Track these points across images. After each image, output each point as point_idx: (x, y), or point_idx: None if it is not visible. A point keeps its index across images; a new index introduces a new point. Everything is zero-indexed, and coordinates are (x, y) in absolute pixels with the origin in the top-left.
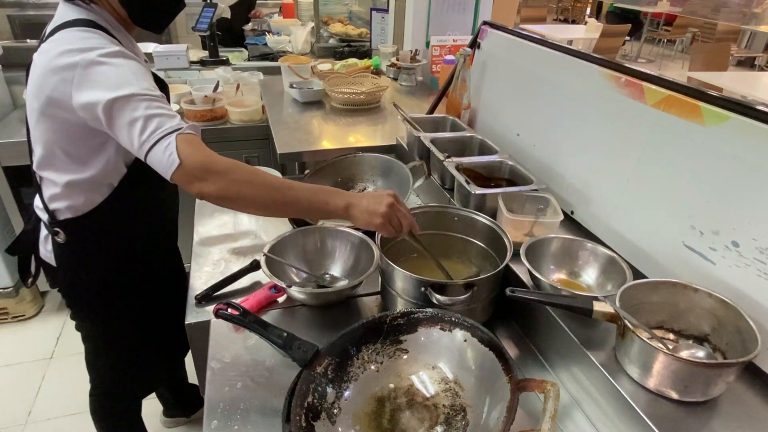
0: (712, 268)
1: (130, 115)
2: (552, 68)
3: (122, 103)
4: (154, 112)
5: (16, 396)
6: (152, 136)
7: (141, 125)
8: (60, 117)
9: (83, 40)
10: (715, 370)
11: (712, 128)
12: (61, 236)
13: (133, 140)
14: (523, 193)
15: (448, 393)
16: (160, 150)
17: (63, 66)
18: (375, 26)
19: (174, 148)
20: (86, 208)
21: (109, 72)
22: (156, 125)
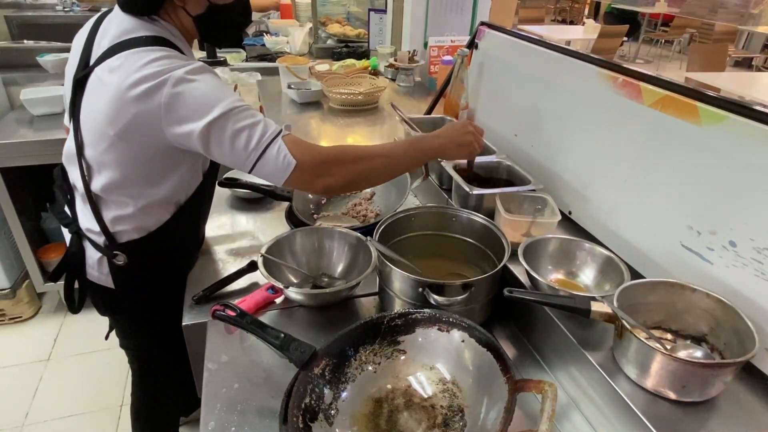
0: (709, 268)
1: (231, 130)
2: (549, 69)
3: (219, 123)
4: (252, 121)
5: (14, 398)
6: (260, 144)
7: (246, 137)
8: (142, 141)
9: (161, 62)
10: (713, 370)
11: (709, 128)
12: (121, 259)
13: (239, 154)
14: (521, 193)
15: (445, 394)
16: (272, 156)
17: (145, 92)
18: (373, 27)
19: (286, 150)
20: (152, 228)
21: (196, 93)
22: (260, 133)
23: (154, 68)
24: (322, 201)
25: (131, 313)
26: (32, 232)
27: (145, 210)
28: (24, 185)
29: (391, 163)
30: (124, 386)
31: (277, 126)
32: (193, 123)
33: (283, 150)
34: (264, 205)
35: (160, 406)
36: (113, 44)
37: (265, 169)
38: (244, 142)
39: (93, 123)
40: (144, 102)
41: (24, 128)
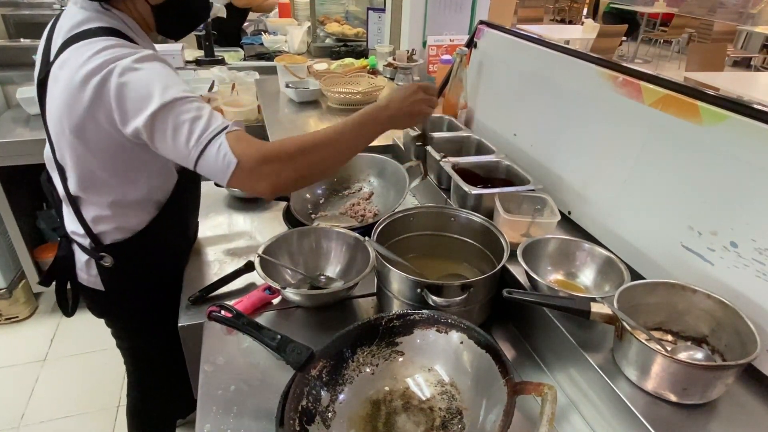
0: (710, 268)
1: (173, 123)
2: (549, 68)
3: (161, 114)
4: (195, 114)
5: (9, 399)
6: (201, 140)
7: (187, 131)
8: (98, 138)
9: (106, 52)
10: (714, 372)
11: (710, 128)
12: (107, 260)
13: (180, 150)
14: (520, 193)
15: (444, 396)
16: (212, 153)
17: (94, 86)
18: (372, 26)
19: (228, 148)
20: (136, 228)
21: (139, 84)
22: (202, 128)
23: (99, 59)
24: (320, 201)
25: (124, 315)
26: (28, 231)
27: (123, 210)
28: (20, 185)
29: (340, 149)
30: (121, 387)
31: (223, 121)
32: (138, 117)
33: (224, 148)
34: (261, 204)
35: (156, 407)
36: (65, 39)
37: (207, 167)
38: (185, 137)
39: (53, 122)
40: (94, 97)
41: (20, 127)
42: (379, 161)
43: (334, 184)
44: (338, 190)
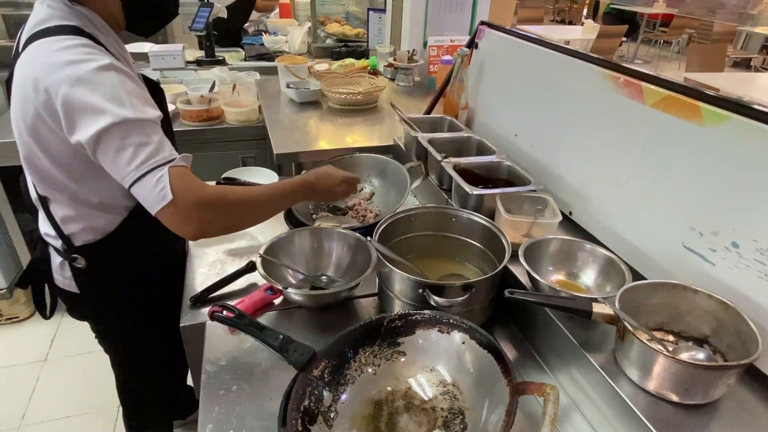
0: (711, 269)
1: (118, 143)
2: (550, 68)
3: (108, 133)
4: (142, 140)
5: (10, 398)
6: (142, 167)
7: (130, 155)
8: (52, 139)
9: (67, 52)
10: (716, 373)
11: (711, 128)
12: (80, 262)
13: (120, 169)
14: (521, 193)
15: (446, 396)
16: (151, 183)
17: (44, 90)
18: (372, 26)
19: (167, 182)
20: (106, 230)
21: (91, 98)
22: (147, 155)
23: (54, 62)
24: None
25: (101, 318)
26: (29, 232)
27: (90, 211)
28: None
29: (269, 210)
30: None
31: (171, 153)
32: (83, 131)
33: (164, 181)
34: None
35: (147, 409)
36: (27, 37)
37: (141, 194)
38: (127, 159)
39: (14, 122)
40: (45, 101)
41: None
42: (380, 162)
43: None
44: None
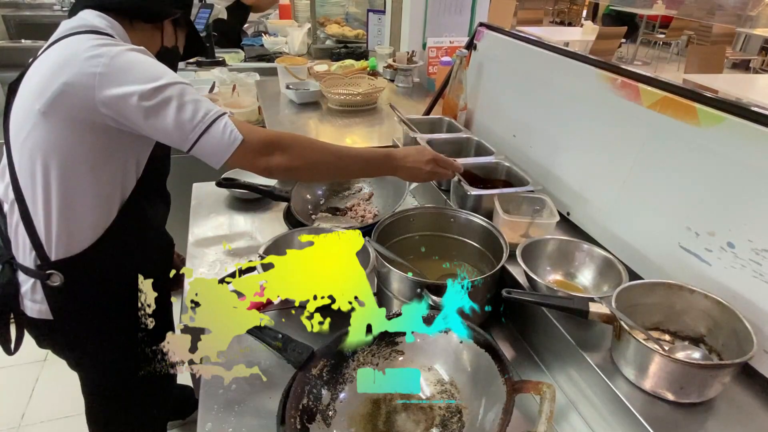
0: (707, 269)
1: (178, 101)
2: (548, 70)
3: (166, 91)
4: (197, 97)
5: (10, 399)
6: (206, 118)
7: (192, 110)
8: (66, 116)
9: (99, 41)
10: (711, 372)
11: (707, 129)
12: (56, 279)
13: (183, 126)
14: (520, 194)
15: (444, 395)
16: (218, 130)
17: (84, 58)
18: (372, 27)
19: (233, 126)
20: (88, 240)
21: (139, 60)
22: (206, 109)
23: (91, 45)
24: (320, 201)
25: (78, 345)
26: None
27: (76, 213)
28: None
29: (340, 166)
30: None
31: (223, 108)
32: (135, 85)
33: (230, 126)
34: (262, 205)
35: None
36: (58, 37)
37: (209, 144)
38: (191, 114)
39: (20, 111)
40: (76, 71)
41: None
42: None
43: (335, 184)
44: (338, 191)
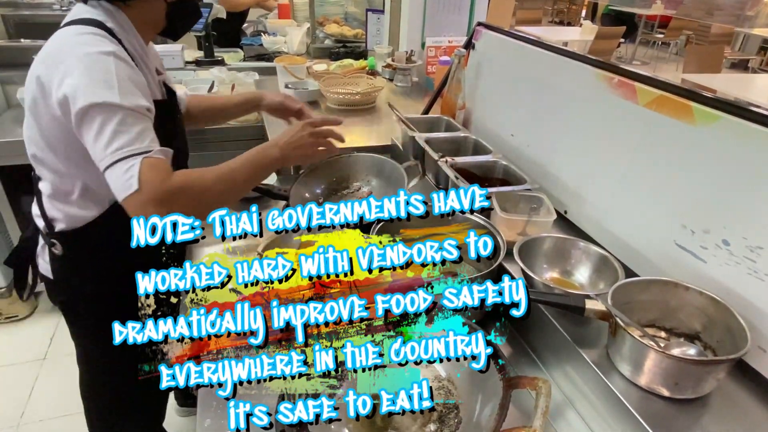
0: (703, 266)
1: (99, 126)
2: (545, 69)
3: (95, 110)
4: (124, 128)
5: (9, 397)
6: (116, 153)
7: (107, 138)
8: (44, 113)
9: (79, 37)
10: (706, 368)
11: (703, 128)
12: (57, 248)
13: (97, 151)
14: (517, 192)
15: (441, 391)
16: (121, 170)
17: (53, 61)
18: (371, 27)
19: (136, 172)
20: (87, 218)
21: (92, 74)
22: (123, 143)
23: (65, 44)
24: (319, 200)
25: (72, 308)
26: None
27: (73, 197)
28: (20, 184)
29: (236, 190)
30: None
31: (149, 145)
32: (72, 105)
33: (133, 171)
34: (261, 203)
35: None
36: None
37: (111, 179)
38: (105, 143)
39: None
40: (45, 74)
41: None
42: (377, 161)
43: (333, 183)
44: (337, 190)
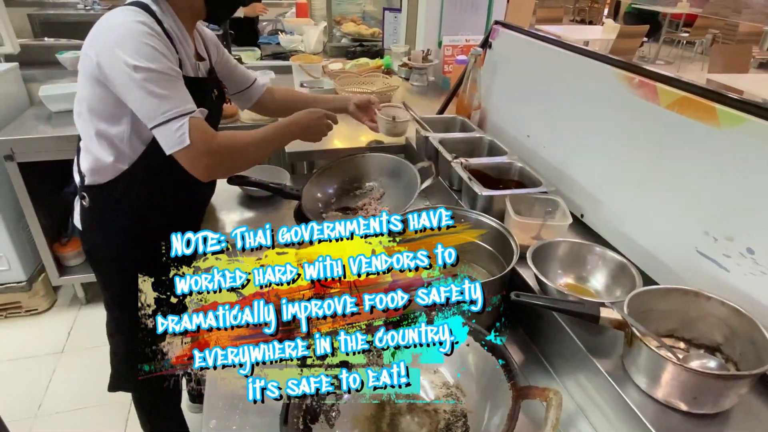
0: (725, 275)
1: (144, 88)
2: (564, 68)
3: (136, 73)
4: (167, 92)
5: (27, 389)
6: (166, 114)
7: (157, 101)
8: (89, 74)
9: (123, 13)
10: (726, 382)
11: (727, 131)
12: (86, 201)
13: (146, 111)
14: (532, 195)
15: (449, 398)
16: (172, 128)
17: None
18: (388, 26)
19: (186, 130)
20: (109, 177)
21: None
22: (169, 106)
23: (110, 20)
24: (331, 200)
25: (95, 257)
26: (48, 226)
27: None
28: (41, 180)
29: (266, 151)
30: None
31: (191, 106)
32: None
33: (183, 129)
34: (273, 203)
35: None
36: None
37: (162, 134)
38: (155, 105)
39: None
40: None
41: (42, 124)
42: (391, 161)
43: (346, 183)
44: (350, 189)
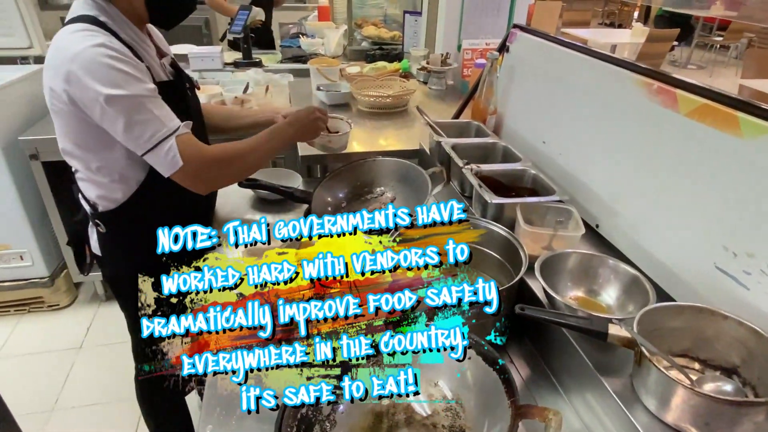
0: (745, 293)
1: (124, 116)
2: (581, 73)
3: (112, 102)
4: (148, 116)
5: (45, 383)
6: (153, 139)
7: (140, 129)
8: (64, 111)
9: (74, 35)
10: (741, 409)
11: (750, 141)
12: (102, 227)
13: (131, 141)
14: (544, 204)
15: (448, 413)
16: (162, 151)
17: (59, 62)
18: (408, 29)
19: (176, 151)
20: (115, 200)
21: (95, 68)
22: (154, 129)
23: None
24: (341, 204)
25: (117, 280)
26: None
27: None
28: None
29: (262, 158)
30: None
31: (175, 123)
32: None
33: (173, 150)
34: (284, 206)
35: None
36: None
37: (153, 160)
38: (138, 133)
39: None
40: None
41: None
42: (401, 166)
43: (357, 188)
44: (360, 194)
